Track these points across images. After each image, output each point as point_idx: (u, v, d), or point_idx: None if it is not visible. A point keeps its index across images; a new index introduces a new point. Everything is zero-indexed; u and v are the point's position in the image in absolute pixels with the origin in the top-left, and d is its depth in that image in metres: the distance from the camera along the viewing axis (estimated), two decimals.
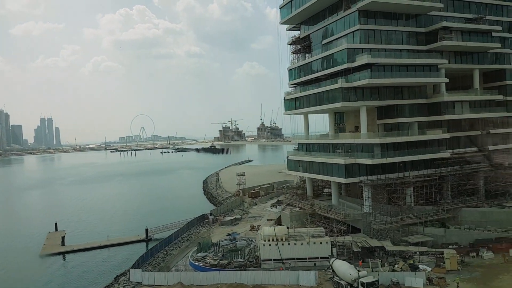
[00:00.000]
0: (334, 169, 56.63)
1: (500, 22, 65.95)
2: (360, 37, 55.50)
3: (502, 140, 65.70)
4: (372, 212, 53.81)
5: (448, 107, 58.49)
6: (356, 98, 55.18)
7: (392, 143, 54.78)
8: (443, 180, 59.36)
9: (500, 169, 63.45)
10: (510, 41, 67.01)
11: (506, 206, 56.40)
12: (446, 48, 58.76)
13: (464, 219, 55.27)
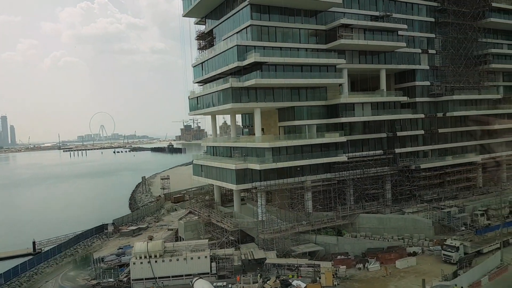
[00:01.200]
0: (228, 174, 52.64)
1: (410, 20, 64.41)
2: (252, 33, 51.64)
3: (409, 143, 64.23)
4: (266, 220, 50.29)
5: (348, 109, 55.93)
6: (248, 99, 51.29)
7: (287, 147, 51.46)
8: (344, 184, 57.02)
9: (406, 173, 61.94)
10: (420, 41, 65.65)
11: (405, 213, 54.55)
12: (345, 47, 56.11)
13: (362, 226, 52.97)
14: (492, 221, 55.76)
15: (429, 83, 65.76)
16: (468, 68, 68.05)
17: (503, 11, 71.36)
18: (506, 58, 73.07)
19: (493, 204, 58.34)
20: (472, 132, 71.26)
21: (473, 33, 67.77)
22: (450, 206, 54.98)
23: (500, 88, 74.75)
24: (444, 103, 65.75)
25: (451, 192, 63.03)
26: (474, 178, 67.94)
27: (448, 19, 65.81)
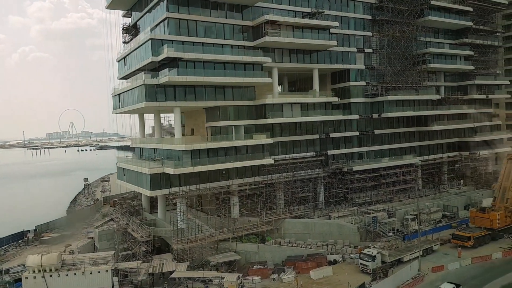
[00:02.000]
0: (143, 179, 49.06)
1: (345, 18, 62.48)
2: (169, 27, 48.13)
3: (343, 144, 62.44)
4: (187, 228, 46.98)
5: (276, 109, 53.36)
6: (165, 97, 47.76)
7: (208, 149, 48.31)
8: (274, 188, 54.55)
9: (339, 175, 60.13)
10: (355, 39, 63.84)
11: (331, 217, 52.51)
12: (272, 45, 53.43)
13: (288, 232, 50.51)
14: (423, 226, 54.56)
15: (365, 83, 64.17)
16: (407, 68, 66.92)
17: (444, 10, 70.69)
18: (446, 57, 72.49)
19: (426, 208, 57.14)
20: (412, 133, 70.44)
21: (411, 32, 66.70)
22: (378, 210, 53.39)
23: (442, 88, 74.26)
24: (379, 103, 64.32)
25: (385, 195, 61.77)
26: (412, 181, 66.95)
27: (385, 17, 64.35)
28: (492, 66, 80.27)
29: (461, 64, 74.02)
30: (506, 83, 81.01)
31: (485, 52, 78.13)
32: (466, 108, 74.37)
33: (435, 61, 70.13)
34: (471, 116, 76.04)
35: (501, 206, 49.88)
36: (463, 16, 73.55)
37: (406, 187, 65.90)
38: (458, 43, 74.53)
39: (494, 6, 77.53)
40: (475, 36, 75.24)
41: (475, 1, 73.68)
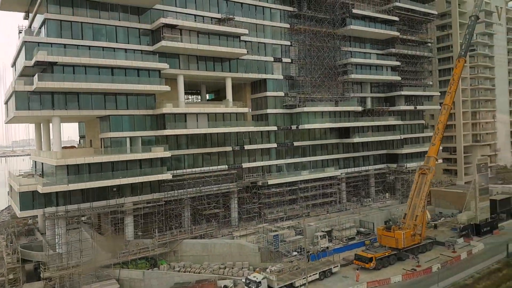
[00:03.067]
0: (16, 197, 43.49)
1: (261, 26, 59.58)
2: (49, 29, 43.36)
3: (260, 157, 59.13)
4: (68, 251, 41.77)
5: (178, 120, 49.36)
6: (41, 106, 42.67)
7: (90, 163, 43.51)
8: (180, 205, 50.35)
9: (253, 189, 56.69)
10: (272, 48, 61.03)
11: (235, 236, 48.75)
12: (170, 50, 49.50)
13: (185, 254, 46.26)
14: (334, 243, 51.76)
15: (283, 93, 61.43)
16: (328, 79, 64.87)
17: (369, 19, 69.31)
18: (371, 68, 71.08)
19: (339, 224, 54.40)
20: (335, 145, 68.22)
21: (332, 41, 64.83)
22: (284, 228, 50.10)
23: (368, 99, 72.74)
24: (298, 115, 61.61)
25: (300, 210, 58.83)
26: (333, 194, 64.42)
27: (304, 26, 62.09)
28: (423, 77, 79.83)
29: (387, 75, 72.83)
30: (436, 94, 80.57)
31: (416, 63, 77.59)
32: (392, 120, 73.14)
33: (360, 71, 68.52)
34: (399, 128, 74.87)
35: (411, 224, 47.72)
36: (390, 25, 72.66)
37: (327, 201, 63.35)
38: (385, 53, 73.47)
39: (423, 16, 77.18)
40: (403, 46, 74.40)
41: (402, 10, 72.94)
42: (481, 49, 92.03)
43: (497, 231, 54.80)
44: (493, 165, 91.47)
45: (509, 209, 61.02)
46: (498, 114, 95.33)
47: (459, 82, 54.91)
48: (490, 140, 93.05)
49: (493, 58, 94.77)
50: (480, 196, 55.30)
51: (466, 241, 50.87)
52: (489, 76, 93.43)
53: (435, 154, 50.52)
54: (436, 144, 51.00)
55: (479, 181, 55.31)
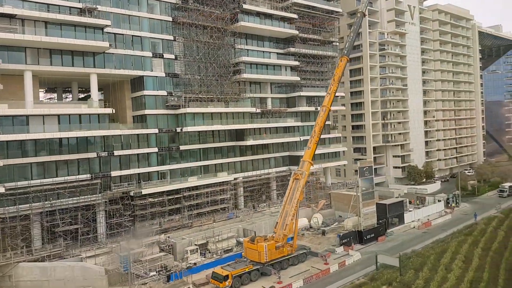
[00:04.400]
0: None
1: (136, 18, 53.74)
2: None
3: (136, 163, 53.50)
4: None
5: (18, 123, 42.74)
6: None
7: None
8: (27, 221, 43.73)
9: (125, 200, 51.10)
10: (152, 43, 55.53)
11: (83, 258, 43.00)
12: (7, 43, 42.69)
13: (23, 279, 39.76)
14: (207, 257, 47.47)
15: (166, 92, 56.31)
16: (218, 77, 60.59)
17: (264, 15, 65.79)
18: (269, 67, 67.67)
19: (215, 234, 50.16)
20: (231, 148, 64.16)
21: (225, 38, 60.57)
22: (150, 243, 45.03)
23: (269, 100, 69.36)
24: (182, 116, 56.73)
25: (181, 220, 54.12)
26: (225, 200, 60.31)
27: (190, 20, 57.28)
28: (328, 77, 77.70)
29: (287, 75, 69.84)
30: (340, 94, 78.82)
31: (320, 63, 75.28)
32: (292, 121, 70.38)
33: (255, 71, 64.86)
34: (302, 129, 72.22)
35: (281, 234, 44.34)
36: (290, 23, 69.68)
37: (217, 208, 59.07)
38: (285, 53, 70.38)
39: (326, 14, 74.97)
40: (305, 45, 71.62)
41: (302, 7, 70.13)
42: (392, 48, 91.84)
43: (383, 238, 52.94)
44: (405, 165, 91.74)
45: (402, 213, 59.73)
46: (410, 114, 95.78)
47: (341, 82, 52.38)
48: (402, 140, 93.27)
49: (405, 57, 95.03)
50: (365, 201, 53.25)
51: (346, 250, 48.41)
52: (400, 76, 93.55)
53: (309, 159, 47.49)
54: (312, 147, 48.03)
55: (363, 185, 53.18)
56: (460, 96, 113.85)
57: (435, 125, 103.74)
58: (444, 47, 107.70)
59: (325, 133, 77.64)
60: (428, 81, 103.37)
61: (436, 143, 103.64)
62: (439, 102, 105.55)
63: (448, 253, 43.74)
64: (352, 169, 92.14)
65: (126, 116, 57.01)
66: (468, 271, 38.71)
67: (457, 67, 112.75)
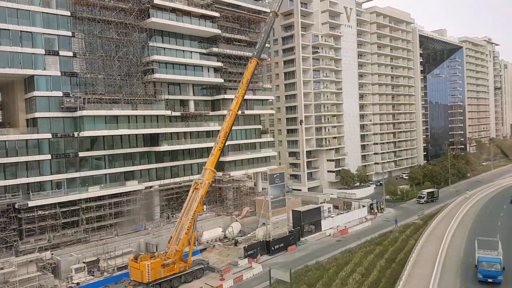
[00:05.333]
0: None
1: (26, 12, 48.54)
2: None
3: (23, 172, 48.18)
4: None
5: None
6: None
7: None
8: None
9: (8, 213, 45.72)
10: (45, 39, 50.35)
11: None
12: None
13: None
14: (94, 276, 43.06)
15: (62, 93, 51.34)
16: (130, 77, 56.35)
17: (182, 12, 61.85)
18: (188, 68, 63.94)
19: (107, 250, 45.80)
20: (145, 154, 59.91)
21: (130, 33, 56.29)
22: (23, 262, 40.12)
23: (191, 103, 65.65)
24: (80, 119, 51.96)
25: (76, 235, 49.34)
26: (130, 212, 55.78)
27: (92, 15, 52.68)
28: (259, 80, 75.09)
29: (209, 76, 66.47)
30: (269, 98, 76.41)
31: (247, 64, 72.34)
32: (215, 125, 66.96)
33: (171, 71, 60.79)
34: None
35: (173, 249, 40.69)
36: (212, 22, 66.34)
37: (123, 220, 54.63)
38: (208, 53, 66.97)
39: (253, 14, 72.16)
40: (230, 46, 68.52)
41: (225, 6, 66.99)
42: (327, 51, 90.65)
43: (293, 247, 50.45)
44: (339, 169, 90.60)
45: (319, 220, 57.69)
46: (346, 118, 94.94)
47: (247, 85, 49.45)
48: (336, 144, 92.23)
49: (341, 61, 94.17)
50: (275, 210, 50.56)
51: (250, 263, 45.42)
52: (335, 79, 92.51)
53: (212, 166, 44.29)
54: (215, 154, 44.90)
55: (273, 193, 50.44)
56: (399, 99, 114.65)
57: (372, 128, 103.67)
58: (383, 50, 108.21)
59: (256, 137, 75.72)
60: (366, 84, 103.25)
61: (373, 146, 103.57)
62: (376, 106, 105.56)
63: (350, 265, 41.62)
64: (287, 174, 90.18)
65: (18, 120, 51.69)
66: (363, 286, 36.57)
67: (397, 71, 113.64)
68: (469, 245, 45.00)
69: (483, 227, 54.24)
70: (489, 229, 52.26)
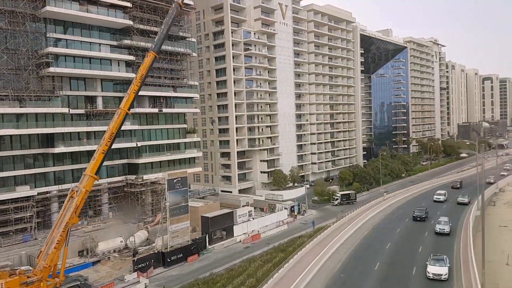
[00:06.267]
0: None
1: None
2: None
3: None
4: None
5: None
6: None
7: None
8: None
9: None
10: None
11: None
12: None
13: None
14: None
15: None
16: (21, 71, 50.72)
17: (87, 1, 56.87)
18: (93, 61, 58.67)
19: None
20: (44, 156, 54.45)
21: (22, 23, 50.66)
22: None
23: (99, 99, 60.48)
24: None
25: None
26: (23, 220, 50.38)
27: None
28: (181, 76, 70.93)
29: (120, 71, 61.67)
30: (193, 95, 72.17)
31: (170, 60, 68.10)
32: (128, 124, 62.24)
33: (71, 64, 55.49)
34: (140, 134, 64.57)
35: (41, 266, 35.92)
36: (123, 13, 61.54)
37: (10, 230, 49.05)
38: (118, 45, 62.08)
39: (171, 5, 67.22)
40: (146, 39, 63.83)
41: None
42: (260, 49, 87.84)
43: (195, 257, 46.84)
44: (273, 170, 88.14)
45: (231, 225, 54.53)
46: (280, 118, 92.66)
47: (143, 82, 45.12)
48: (270, 145, 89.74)
49: (275, 59, 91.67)
50: (176, 217, 46.78)
51: (139, 277, 41.39)
52: (268, 78, 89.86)
53: (92, 172, 39.38)
54: (97, 158, 40.02)
55: (173, 199, 46.56)
56: (337, 99, 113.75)
57: (309, 128, 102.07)
58: (322, 50, 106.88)
59: (180, 137, 71.62)
60: (303, 84, 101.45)
61: (310, 146, 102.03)
62: (313, 106, 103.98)
63: (241, 277, 38.56)
64: (219, 175, 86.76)
65: None
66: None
67: (336, 70, 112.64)
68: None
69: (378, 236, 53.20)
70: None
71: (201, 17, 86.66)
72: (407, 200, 76.80)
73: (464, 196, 72.52)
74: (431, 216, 61.54)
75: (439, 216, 59.39)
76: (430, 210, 64.17)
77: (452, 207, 69.17)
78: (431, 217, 60.81)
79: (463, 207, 67.83)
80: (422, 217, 59.80)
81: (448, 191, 79.71)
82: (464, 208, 66.89)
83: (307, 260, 41.47)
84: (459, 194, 75.64)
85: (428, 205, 67.75)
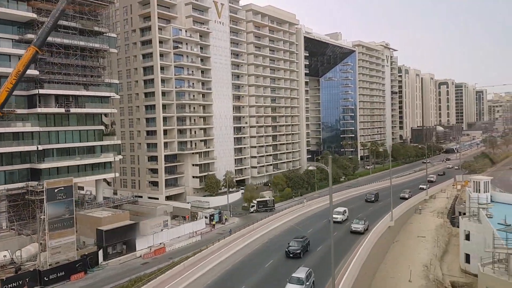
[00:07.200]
0: None
1: None
2: None
3: None
4: None
5: None
6: None
7: None
8: None
9: None
10: None
11: None
12: None
13: None
14: None
15: None
16: None
17: None
18: None
19: None
20: None
21: None
22: None
23: None
24: None
25: None
26: None
27: None
28: (96, 73, 65.79)
29: None
30: (109, 94, 67.02)
31: (84, 56, 62.95)
32: (29, 125, 56.79)
33: None
34: (43, 136, 59.06)
35: None
36: (27, 5, 55.94)
37: None
38: (19, 40, 56.34)
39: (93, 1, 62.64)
40: (55, 34, 58.30)
41: None
42: (192, 48, 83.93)
43: (80, 275, 42.21)
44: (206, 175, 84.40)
45: (133, 238, 50.21)
46: (216, 120, 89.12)
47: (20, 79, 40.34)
48: (203, 148, 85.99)
49: (209, 59, 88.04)
50: (58, 232, 41.96)
51: None
52: (201, 78, 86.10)
53: None
54: None
55: (54, 211, 41.75)
56: (280, 102, 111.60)
57: (248, 131, 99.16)
58: (262, 51, 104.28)
59: (95, 139, 66.56)
60: (242, 85, 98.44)
61: (249, 150, 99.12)
62: (253, 108, 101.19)
63: None
64: (145, 180, 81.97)
65: None
66: None
67: (278, 73, 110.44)
68: None
69: None
70: None
71: (128, 12, 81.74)
72: (315, 212, 65.50)
73: (359, 221, 52.75)
74: (312, 248, 45.03)
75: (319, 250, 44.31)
76: (317, 236, 49.85)
77: (342, 236, 50.55)
78: (312, 250, 44.64)
79: (355, 237, 48.87)
80: (296, 253, 42.62)
81: (359, 205, 69.46)
82: (355, 240, 47.43)
83: None
84: (358, 216, 57.28)
85: (318, 228, 54.40)
